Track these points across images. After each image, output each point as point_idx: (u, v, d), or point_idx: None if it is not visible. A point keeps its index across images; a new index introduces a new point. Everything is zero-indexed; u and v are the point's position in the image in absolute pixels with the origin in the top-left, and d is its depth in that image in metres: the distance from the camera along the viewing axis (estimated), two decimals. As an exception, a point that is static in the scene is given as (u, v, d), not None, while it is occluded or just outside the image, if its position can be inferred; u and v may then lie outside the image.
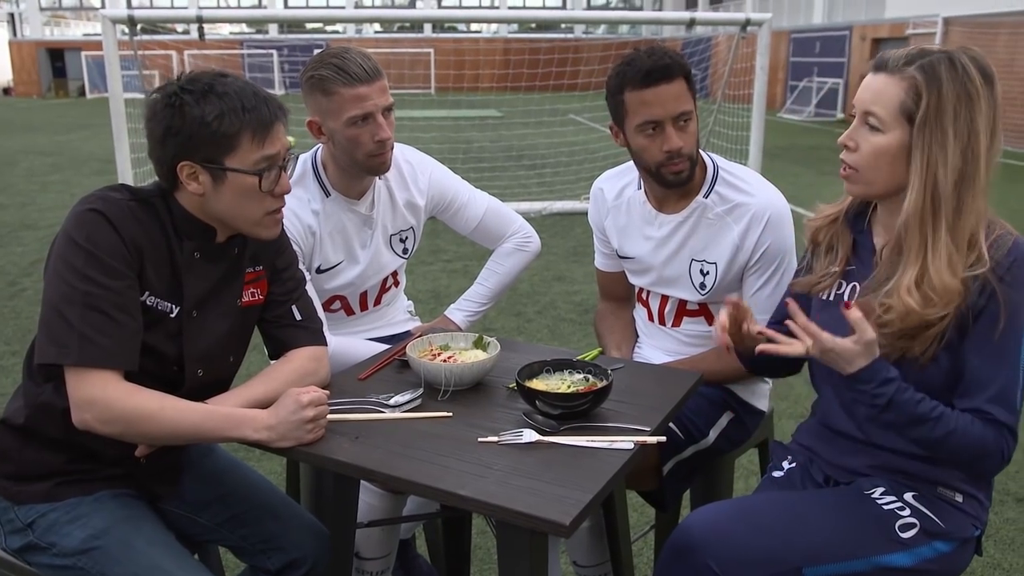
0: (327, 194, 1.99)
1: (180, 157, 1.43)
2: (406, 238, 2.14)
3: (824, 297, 1.58)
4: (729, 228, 1.89)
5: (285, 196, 1.91)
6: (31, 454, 1.52)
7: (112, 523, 1.49)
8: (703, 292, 1.95)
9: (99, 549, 1.47)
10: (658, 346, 2.08)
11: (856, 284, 1.52)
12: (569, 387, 1.57)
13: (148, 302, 1.46)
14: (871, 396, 1.38)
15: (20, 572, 1.56)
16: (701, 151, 1.96)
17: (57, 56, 32.38)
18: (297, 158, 1.56)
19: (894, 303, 1.39)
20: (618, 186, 2.05)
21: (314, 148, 2.02)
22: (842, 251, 1.56)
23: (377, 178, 2.02)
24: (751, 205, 1.87)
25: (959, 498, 1.48)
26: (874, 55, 1.50)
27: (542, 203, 8.38)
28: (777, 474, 1.66)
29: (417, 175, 2.11)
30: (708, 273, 1.93)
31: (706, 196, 1.91)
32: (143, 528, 1.51)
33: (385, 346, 1.97)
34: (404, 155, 2.11)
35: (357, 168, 1.93)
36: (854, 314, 1.35)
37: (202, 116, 1.40)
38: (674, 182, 1.87)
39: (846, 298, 1.53)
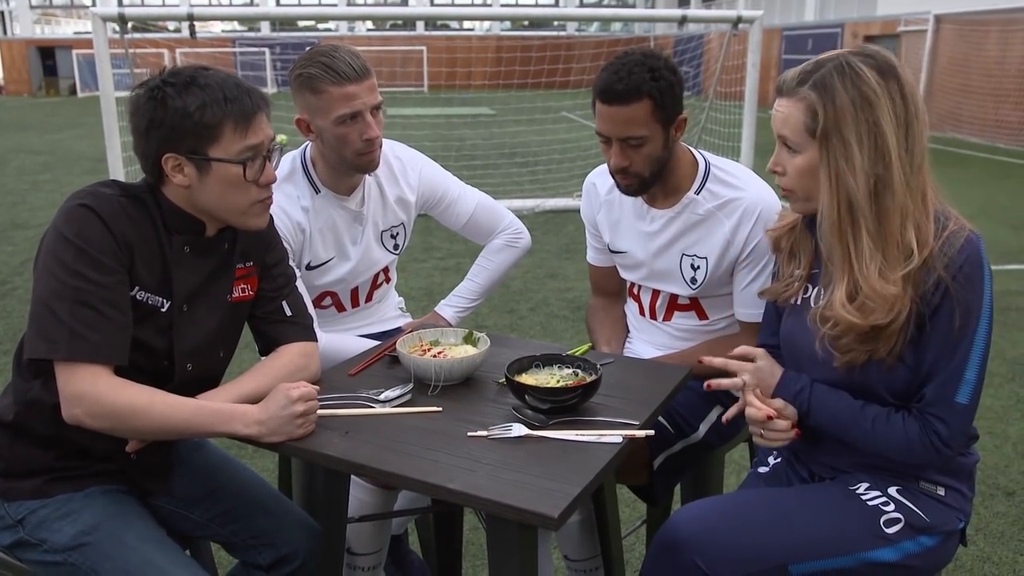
0: (317, 191, 1.99)
1: (164, 149, 1.44)
2: (397, 234, 2.14)
3: (794, 302, 1.60)
4: (720, 223, 1.90)
5: (274, 192, 1.93)
6: (21, 450, 1.52)
7: (102, 519, 1.49)
8: (694, 287, 1.96)
9: (89, 545, 1.47)
10: (649, 340, 2.09)
11: (821, 289, 1.53)
12: (558, 382, 1.58)
13: (138, 297, 1.46)
14: (795, 405, 1.49)
15: (11, 568, 1.56)
16: (692, 149, 1.97)
17: (48, 54, 32.20)
18: (282, 150, 1.56)
19: (835, 317, 1.40)
20: (610, 181, 2.05)
21: (303, 145, 2.03)
22: (804, 256, 1.58)
23: (367, 174, 2.02)
24: (743, 200, 1.89)
25: (941, 491, 1.49)
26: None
27: (535, 200, 8.39)
28: (763, 469, 1.67)
29: (407, 171, 2.11)
30: (699, 268, 1.94)
31: (697, 192, 1.92)
32: (134, 524, 1.52)
33: (376, 342, 1.97)
34: (394, 151, 2.11)
35: (346, 166, 1.93)
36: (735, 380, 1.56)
37: (184, 107, 1.41)
38: (623, 192, 1.92)
39: (812, 302, 1.54)
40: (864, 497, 1.48)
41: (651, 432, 1.46)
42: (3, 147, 14.12)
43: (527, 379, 1.58)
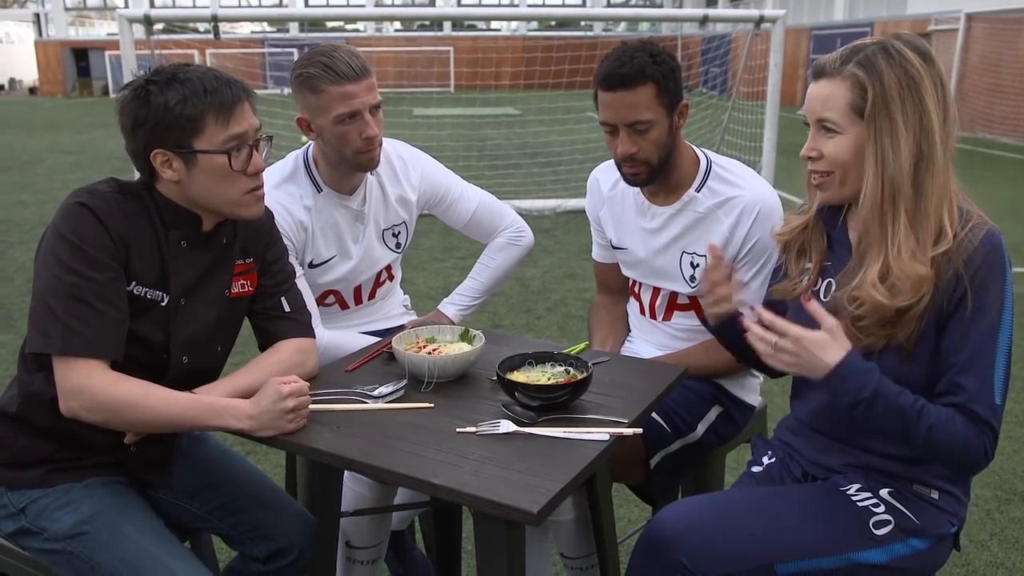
0: (319, 190, 2.01)
1: (151, 146, 1.47)
2: (398, 232, 2.16)
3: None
4: (719, 221, 1.90)
5: (277, 191, 1.96)
6: (24, 441, 1.56)
7: (101, 509, 1.52)
8: (693, 285, 1.96)
9: (88, 534, 1.50)
10: (649, 340, 2.09)
11: (831, 280, 1.52)
12: (549, 379, 1.59)
13: (136, 292, 1.49)
14: (855, 390, 1.34)
15: (14, 556, 1.60)
16: (695, 147, 1.97)
17: (81, 56, 32.79)
18: (271, 140, 1.58)
19: (863, 297, 1.39)
20: (613, 177, 2.06)
21: (306, 145, 2.05)
22: (816, 252, 1.56)
23: (369, 173, 2.04)
24: (742, 198, 1.89)
25: (935, 495, 1.47)
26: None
27: (556, 200, 8.39)
28: (756, 469, 1.66)
29: (409, 170, 2.13)
30: (698, 266, 1.94)
31: (698, 190, 1.92)
32: (132, 515, 1.55)
33: (379, 340, 1.99)
34: (396, 150, 2.13)
35: (346, 165, 1.95)
36: (811, 306, 1.38)
37: (166, 102, 1.44)
38: (631, 182, 1.92)
39: (822, 295, 1.53)
40: (854, 498, 1.47)
41: (639, 430, 1.47)
42: (36, 147, 14.38)
43: (519, 376, 1.59)
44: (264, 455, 3.19)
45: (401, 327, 2.17)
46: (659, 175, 1.89)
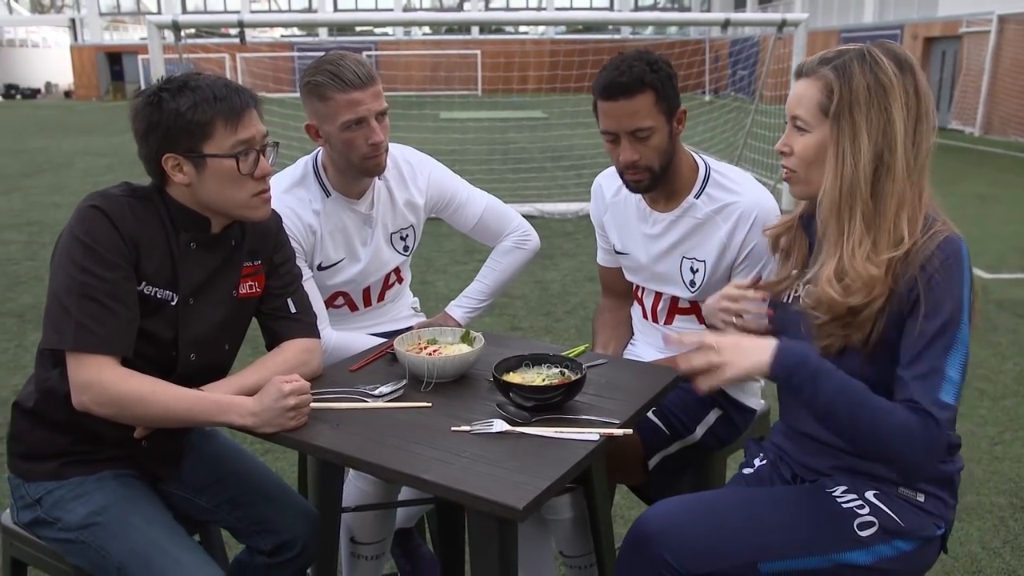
0: (327, 194, 2.07)
1: (163, 150, 1.54)
2: (406, 236, 2.21)
3: (784, 299, 1.61)
4: (717, 227, 1.93)
5: (287, 196, 2.02)
6: (40, 435, 1.63)
7: (112, 501, 1.59)
8: (693, 289, 1.99)
9: (99, 525, 1.56)
10: (651, 343, 2.12)
11: (811, 285, 1.54)
12: (544, 380, 1.63)
13: (146, 291, 1.56)
14: (796, 367, 1.37)
15: (31, 544, 1.67)
16: (694, 153, 2.00)
17: (115, 60, 33.39)
18: (277, 146, 1.64)
19: (819, 293, 1.43)
20: (616, 183, 2.09)
21: (315, 150, 2.11)
22: (798, 255, 1.60)
23: (377, 178, 2.10)
24: (739, 204, 1.91)
25: (921, 498, 1.48)
26: (926, 55, 1.53)
27: (579, 204, 8.40)
28: (747, 471, 1.69)
29: (416, 175, 2.18)
30: (697, 271, 1.97)
31: (697, 196, 1.95)
32: (142, 507, 1.61)
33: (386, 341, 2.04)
34: (404, 155, 2.18)
35: (353, 170, 2.01)
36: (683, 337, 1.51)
37: (177, 108, 1.51)
38: (634, 189, 1.94)
39: (802, 299, 1.55)
40: (839, 500, 1.49)
41: (629, 431, 1.50)
42: (70, 150, 14.68)
43: (515, 377, 1.63)
44: (282, 453, 3.25)
45: (409, 329, 2.22)
46: (661, 181, 1.92)
